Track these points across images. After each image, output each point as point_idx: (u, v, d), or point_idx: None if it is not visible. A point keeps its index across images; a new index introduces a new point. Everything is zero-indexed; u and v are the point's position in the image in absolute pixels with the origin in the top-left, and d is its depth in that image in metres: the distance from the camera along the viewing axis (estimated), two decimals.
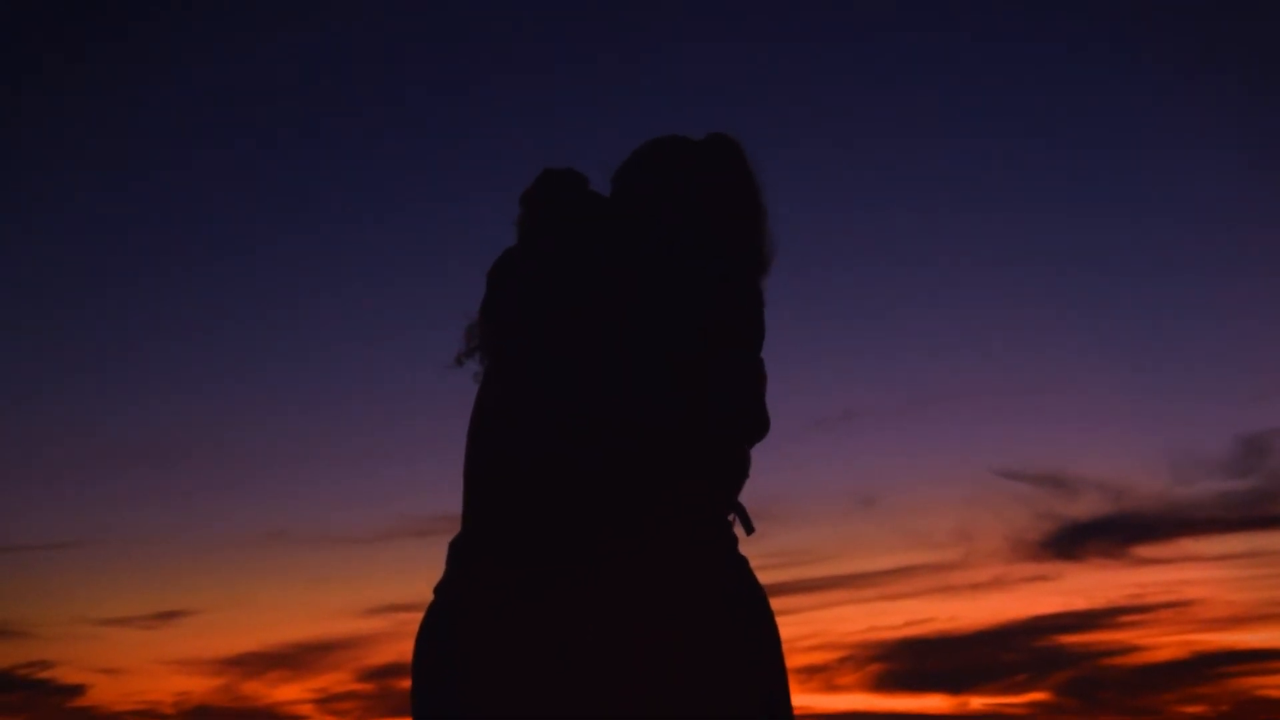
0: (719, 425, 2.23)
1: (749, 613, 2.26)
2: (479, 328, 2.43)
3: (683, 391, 2.20)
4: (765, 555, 2.34)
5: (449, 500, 2.44)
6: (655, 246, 2.35)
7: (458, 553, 2.29)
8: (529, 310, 2.35)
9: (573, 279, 2.36)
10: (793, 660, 2.62)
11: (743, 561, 2.31)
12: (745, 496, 2.38)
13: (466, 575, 2.24)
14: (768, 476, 2.35)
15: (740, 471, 2.33)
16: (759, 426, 2.29)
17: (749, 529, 2.33)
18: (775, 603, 2.36)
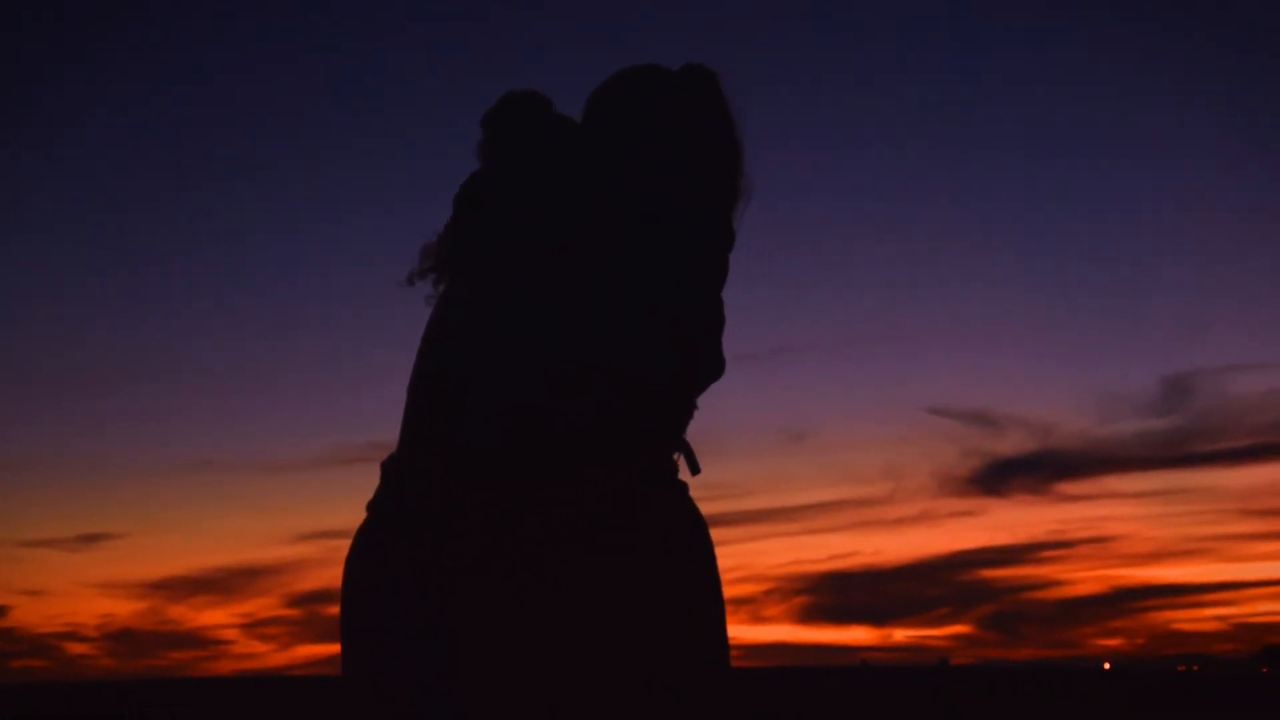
0: (695, 372, 2.24)
1: (702, 553, 2.30)
2: (436, 249, 2.40)
3: (664, 340, 2.20)
4: (694, 488, 2.37)
5: (380, 429, 2.45)
6: (636, 184, 2.31)
7: (392, 472, 2.28)
8: (504, 242, 2.32)
9: (550, 214, 2.33)
10: None
11: (690, 500, 2.34)
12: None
13: (401, 494, 2.24)
14: (698, 410, 2.38)
15: (688, 412, 2.35)
16: (718, 369, 2.29)
17: (695, 469, 2.36)
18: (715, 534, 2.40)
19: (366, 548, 2.26)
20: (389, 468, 2.30)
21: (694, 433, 2.42)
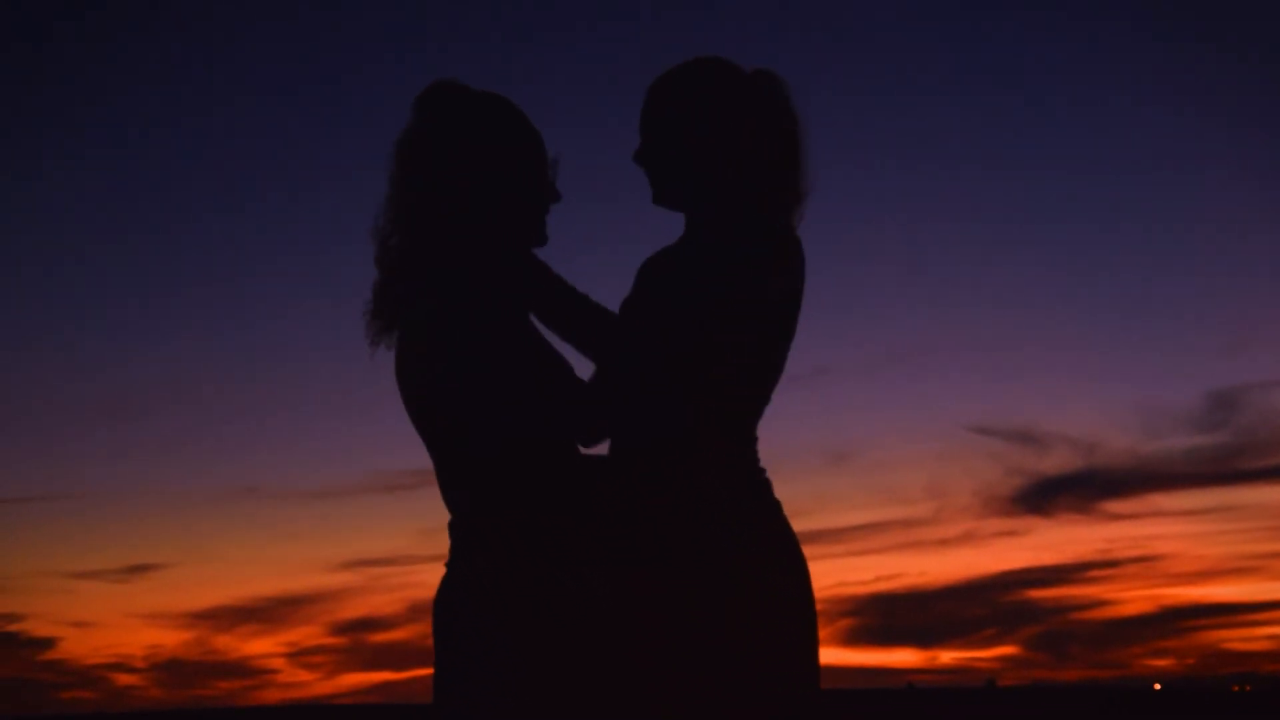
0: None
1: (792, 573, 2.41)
2: (373, 316, 2.49)
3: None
4: None
5: (419, 456, 2.45)
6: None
7: (458, 536, 2.40)
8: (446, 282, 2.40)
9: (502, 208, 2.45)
10: None
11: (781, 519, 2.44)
12: None
13: (470, 556, 2.36)
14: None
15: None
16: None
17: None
18: None
19: (451, 606, 2.40)
20: (454, 530, 2.42)
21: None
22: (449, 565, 2.41)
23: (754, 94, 2.44)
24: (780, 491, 2.47)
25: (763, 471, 2.44)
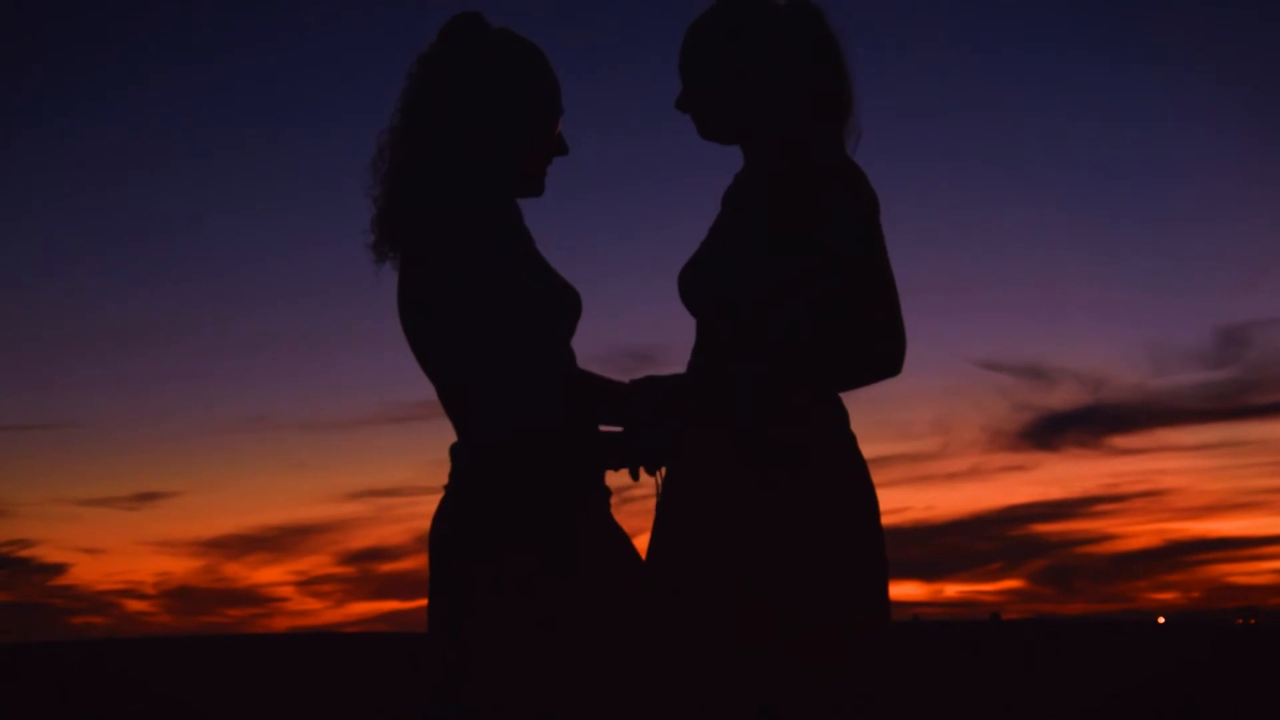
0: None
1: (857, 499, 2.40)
2: (383, 224, 2.45)
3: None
4: None
5: (428, 388, 2.43)
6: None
7: (467, 459, 2.37)
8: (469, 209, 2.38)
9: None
10: None
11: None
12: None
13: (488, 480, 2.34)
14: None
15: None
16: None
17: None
18: None
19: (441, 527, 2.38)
20: (461, 454, 2.39)
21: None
22: (445, 488, 2.41)
23: (792, 22, 2.47)
24: None
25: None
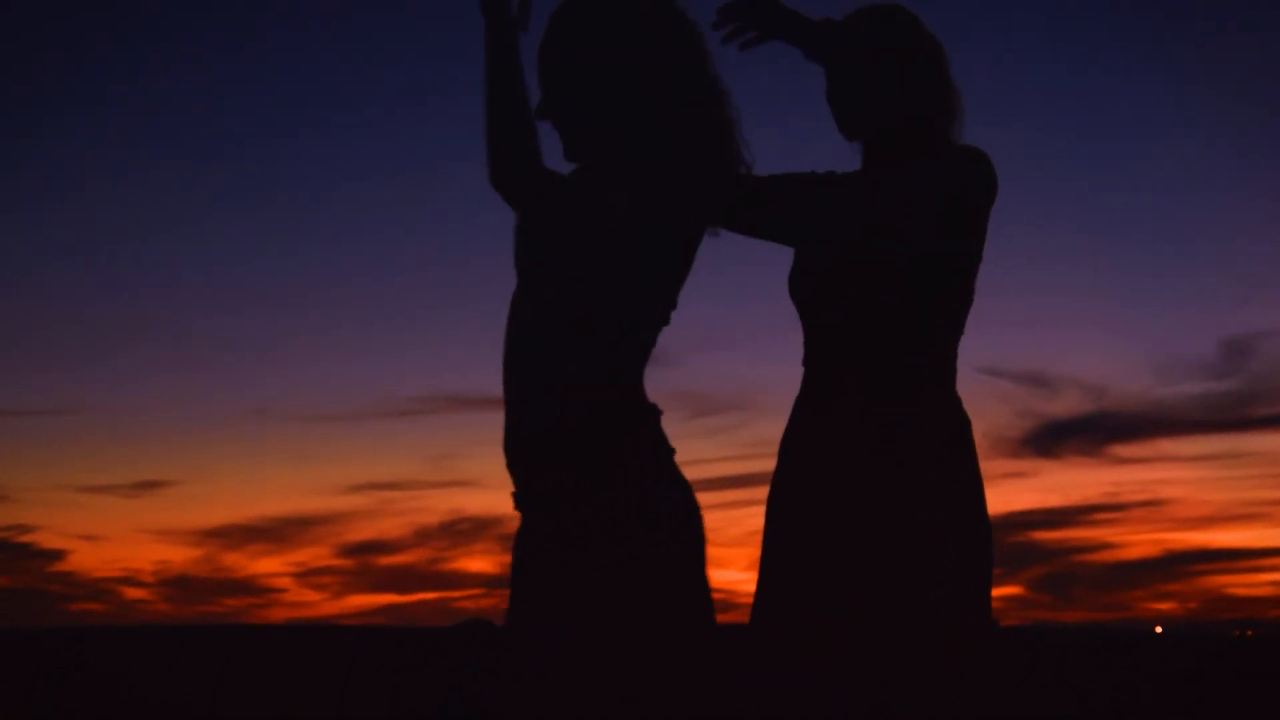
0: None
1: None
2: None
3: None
4: (743, 446, 2.39)
5: (429, 382, 2.44)
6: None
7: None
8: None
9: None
10: None
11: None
12: (721, 383, 2.49)
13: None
14: (746, 368, 2.40)
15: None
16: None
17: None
18: (751, 493, 2.50)
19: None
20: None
21: (747, 389, 2.43)
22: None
23: (908, 28, 2.80)
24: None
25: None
